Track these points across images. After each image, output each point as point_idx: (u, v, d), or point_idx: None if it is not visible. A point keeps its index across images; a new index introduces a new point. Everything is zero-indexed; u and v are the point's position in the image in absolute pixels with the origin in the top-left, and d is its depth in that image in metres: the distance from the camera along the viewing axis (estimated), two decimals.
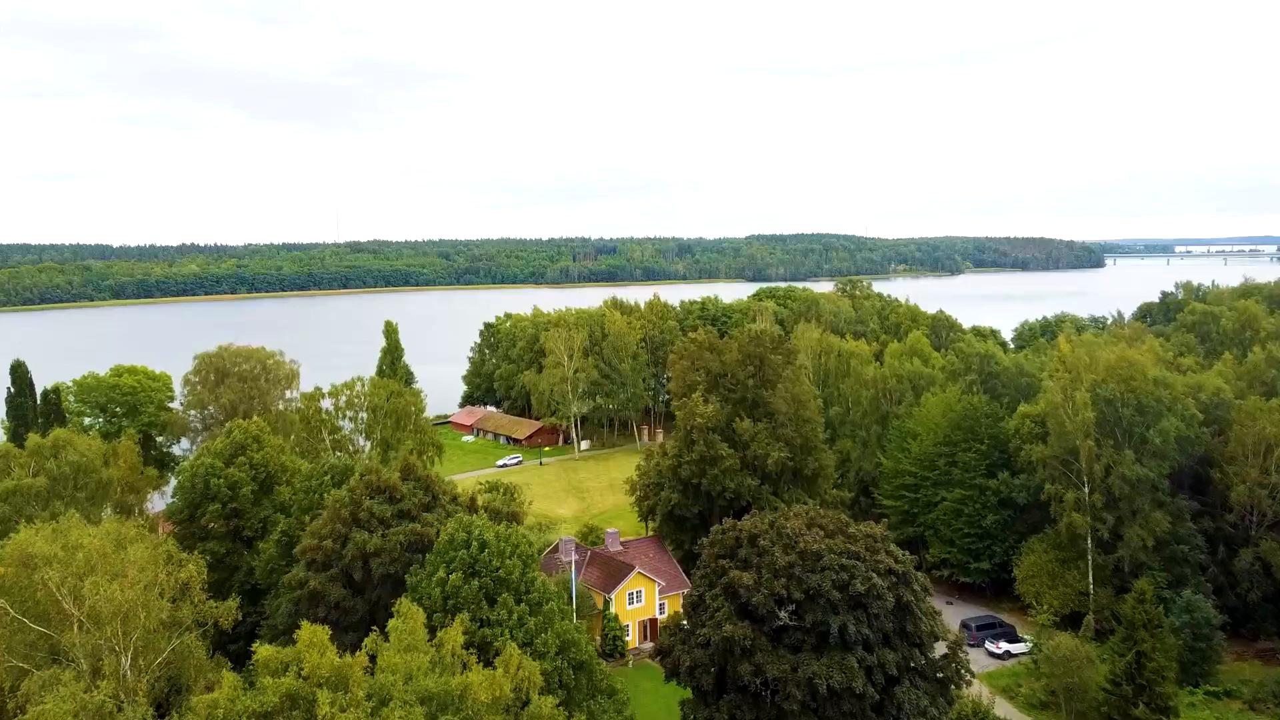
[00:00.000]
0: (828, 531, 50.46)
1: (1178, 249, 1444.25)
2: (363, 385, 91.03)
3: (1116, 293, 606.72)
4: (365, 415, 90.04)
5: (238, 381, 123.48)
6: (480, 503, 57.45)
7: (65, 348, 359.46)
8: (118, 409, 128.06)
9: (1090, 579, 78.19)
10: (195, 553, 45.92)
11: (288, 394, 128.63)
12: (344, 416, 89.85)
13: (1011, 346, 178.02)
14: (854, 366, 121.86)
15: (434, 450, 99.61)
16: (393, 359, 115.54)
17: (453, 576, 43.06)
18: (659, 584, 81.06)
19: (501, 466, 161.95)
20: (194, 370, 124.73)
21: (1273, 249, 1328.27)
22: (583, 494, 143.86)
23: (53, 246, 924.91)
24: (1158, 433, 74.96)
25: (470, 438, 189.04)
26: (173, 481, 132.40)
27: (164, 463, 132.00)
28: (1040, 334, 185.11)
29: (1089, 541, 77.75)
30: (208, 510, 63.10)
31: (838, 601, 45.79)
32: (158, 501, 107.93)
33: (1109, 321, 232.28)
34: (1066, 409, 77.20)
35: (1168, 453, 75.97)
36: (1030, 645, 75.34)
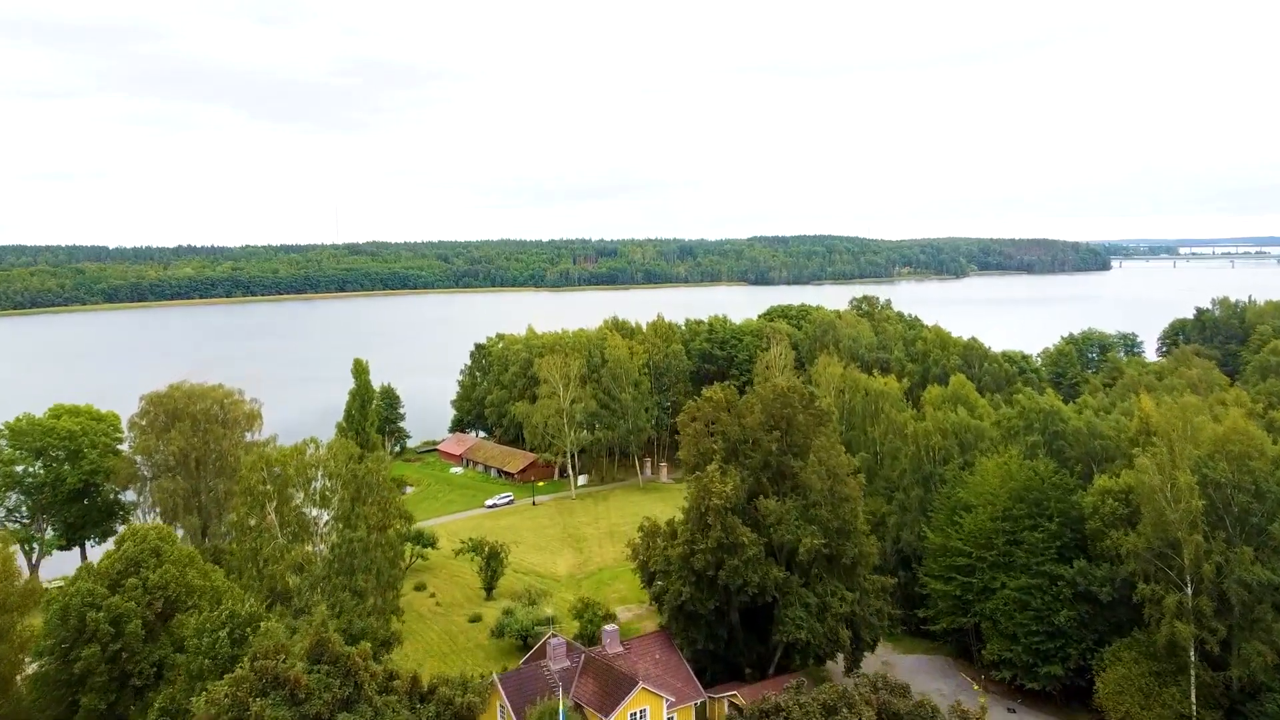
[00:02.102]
0: None
1: (1182, 250, 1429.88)
2: (317, 448, 77.10)
3: (1129, 297, 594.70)
4: (320, 484, 76.22)
5: (190, 425, 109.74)
6: (425, 682, 43.21)
7: (46, 357, 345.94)
8: (58, 453, 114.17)
9: (1193, 699, 64.13)
10: None
11: (247, 436, 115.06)
12: (295, 485, 75.96)
13: (1045, 373, 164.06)
14: (884, 409, 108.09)
15: (402, 522, 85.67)
16: (362, 402, 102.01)
17: None
18: (667, 700, 67.03)
19: (491, 507, 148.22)
20: (140, 413, 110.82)
21: (1279, 250, 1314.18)
22: (580, 543, 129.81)
23: (48, 248, 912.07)
24: None
25: (459, 469, 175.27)
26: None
27: (111, 512, 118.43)
28: (1077, 361, 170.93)
29: (1191, 654, 63.71)
30: (83, 654, 49.12)
31: None
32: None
33: (1139, 340, 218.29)
34: (1165, 494, 63.06)
35: None
36: None
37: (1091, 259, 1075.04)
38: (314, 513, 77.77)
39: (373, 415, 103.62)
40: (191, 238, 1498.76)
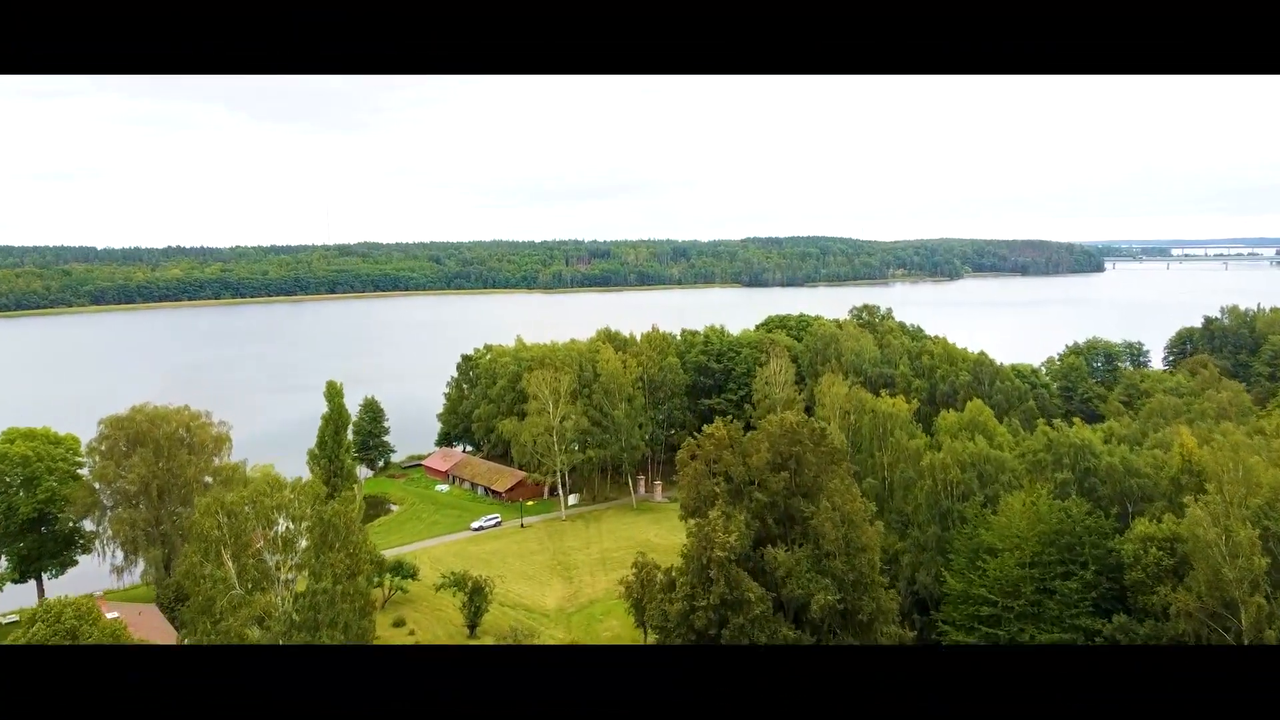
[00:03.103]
0: None
1: (1175, 251, 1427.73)
2: (279, 488, 70.23)
3: (1126, 301, 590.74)
4: (282, 529, 69.39)
5: (152, 451, 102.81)
6: None
7: (17, 365, 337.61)
8: (12, 480, 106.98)
9: None
10: None
11: (215, 461, 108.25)
12: (255, 529, 69.18)
13: (1055, 388, 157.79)
14: (893, 431, 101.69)
15: (371, 567, 78.77)
16: (336, 428, 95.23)
17: None
18: None
19: (477, 529, 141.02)
20: (99, 438, 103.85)
21: (1271, 252, 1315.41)
22: (569, 572, 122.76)
23: (35, 249, 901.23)
24: None
25: (444, 487, 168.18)
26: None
27: (70, 542, 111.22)
28: (1088, 374, 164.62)
29: None
30: None
31: None
32: None
33: (1145, 349, 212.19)
34: (1221, 549, 56.48)
35: None
36: None
37: (1086, 260, 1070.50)
38: (276, 558, 70.94)
39: (347, 443, 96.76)
40: (182, 238, 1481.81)
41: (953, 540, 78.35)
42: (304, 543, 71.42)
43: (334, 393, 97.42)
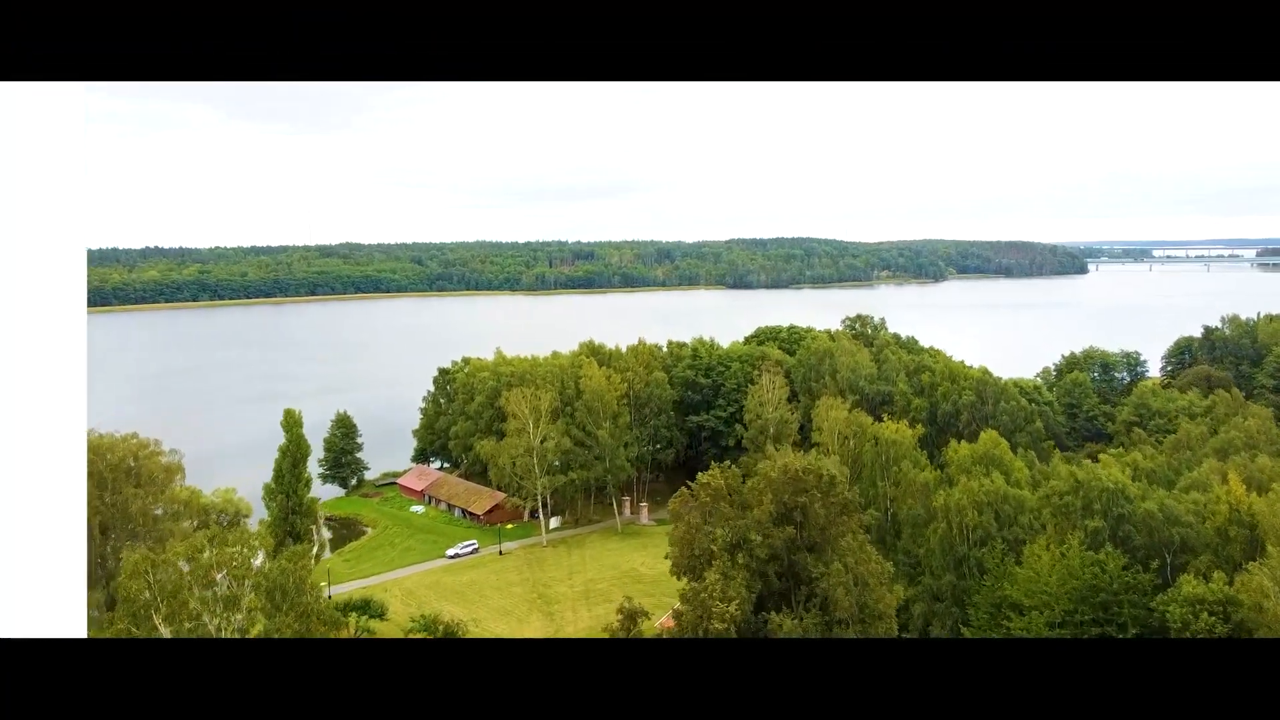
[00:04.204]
0: None
1: (1156, 253, 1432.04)
2: (221, 547, 62.24)
3: (1112, 304, 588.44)
4: (224, 588, 61.56)
5: (95, 485, 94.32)
6: None
7: None
8: None
9: None
10: None
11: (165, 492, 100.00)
12: (191, 591, 61.30)
13: (1059, 406, 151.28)
14: (899, 461, 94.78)
15: (326, 628, 70.77)
16: (294, 460, 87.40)
17: None
18: None
19: (453, 558, 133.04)
20: None
21: (1252, 253, 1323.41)
22: (550, 606, 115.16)
23: None
24: None
25: (420, 508, 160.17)
26: None
27: None
28: (1093, 391, 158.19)
29: None
30: None
31: None
32: None
33: (1143, 359, 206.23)
34: None
35: None
36: None
37: (1069, 262, 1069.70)
38: (215, 621, 63.02)
39: (306, 477, 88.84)
40: (159, 239, 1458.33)
41: (971, 591, 71.30)
42: (246, 606, 63.63)
43: (292, 422, 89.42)
